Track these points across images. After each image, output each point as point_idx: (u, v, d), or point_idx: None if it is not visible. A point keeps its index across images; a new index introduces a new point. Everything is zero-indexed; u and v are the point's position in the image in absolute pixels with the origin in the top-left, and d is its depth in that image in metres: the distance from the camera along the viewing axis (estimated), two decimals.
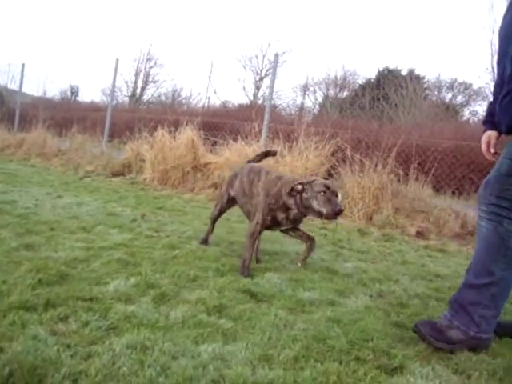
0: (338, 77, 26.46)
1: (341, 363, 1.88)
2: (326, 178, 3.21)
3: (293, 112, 23.64)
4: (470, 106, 26.13)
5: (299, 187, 2.97)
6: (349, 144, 6.53)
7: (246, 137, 7.52)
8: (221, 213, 3.76)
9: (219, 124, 10.02)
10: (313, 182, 2.95)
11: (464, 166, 8.56)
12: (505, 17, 2.27)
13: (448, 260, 4.27)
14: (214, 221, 3.78)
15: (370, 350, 2.00)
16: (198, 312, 2.23)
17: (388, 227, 5.38)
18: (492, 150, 2.46)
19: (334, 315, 2.35)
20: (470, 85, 26.00)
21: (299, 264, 3.27)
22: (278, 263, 3.32)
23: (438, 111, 21.19)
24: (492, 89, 2.47)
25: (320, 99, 27.13)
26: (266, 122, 7.57)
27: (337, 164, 6.34)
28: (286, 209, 3.06)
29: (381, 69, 26.65)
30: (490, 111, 2.42)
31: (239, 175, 3.50)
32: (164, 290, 2.47)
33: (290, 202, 3.03)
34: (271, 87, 8.11)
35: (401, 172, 5.76)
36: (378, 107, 22.74)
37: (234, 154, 7.41)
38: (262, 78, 28.04)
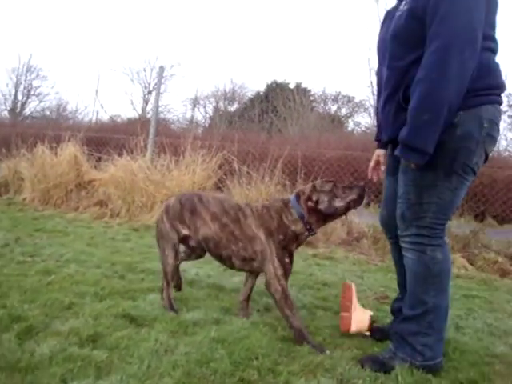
0: (227, 90, 26.72)
1: None
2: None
3: (184, 126, 23.45)
4: (354, 117, 27.54)
5: (315, 198, 2.35)
6: (236, 156, 6.52)
7: (132, 152, 7.26)
8: (178, 260, 2.77)
9: (104, 139, 9.62)
10: (314, 188, 2.39)
11: (348, 174, 8.95)
12: (380, 31, 2.32)
13: (335, 267, 4.35)
14: (173, 277, 2.72)
15: (254, 370, 1.93)
16: (69, 345, 2.03)
17: None
18: (382, 169, 2.49)
19: (218, 335, 2.25)
20: (353, 97, 27.42)
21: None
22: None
23: (324, 123, 22.05)
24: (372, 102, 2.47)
25: (211, 112, 27.24)
26: (151, 136, 7.35)
27: (224, 177, 6.29)
28: (296, 237, 2.43)
29: (269, 82, 27.31)
30: (379, 128, 2.41)
31: (199, 214, 2.60)
32: (31, 322, 2.24)
33: (300, 226, 2.39)
34: (156, 100, 7.92)
35: (287, 182, 5.83)
36: (267, 120, 23.24)
37: (119, 169, 7.09)
38: (150, 92, 27.55)
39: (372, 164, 2.53)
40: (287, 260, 2.42)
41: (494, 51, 2.03)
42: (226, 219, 2.52)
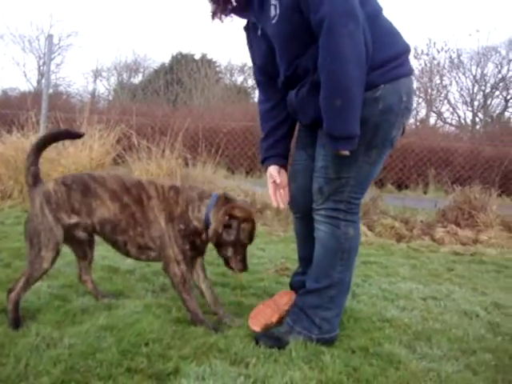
0: (129, 61, 25.75)
1: (110, 378, 1.67)
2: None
3: (86, 99, 22.35)
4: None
5: (226, 219, 2.15)
6: (135, 130, 6.26)
7: (23, 128, 6.75)
8: (53, 264, 2.20)
9: None
10: (243, 224, 2.16)
11: (254, 145, 8.94)
12: (254, 49, 2.24)
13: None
14: (30, 284, 2.17)
15: (144, 357, 1.83)
16: None
17: None
18: (281, 191, 2.30)
19: (107, 322, 2.11)
20: None
21: None
22: (52, 268, 2.94)
23: (230, 94, 21.96)
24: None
25: (114, 85, 26.19)
26: (43, 111, 6.87)
27: (123, 152, 6.03)
28: (199, 234, 2.22)
29: (174, 53, 26.65)
30: (268, 146, 2.30)
31: (96, 189, 2.21)
32: None
33: (201, 226, 2.20)
34: (47, 72, 7.40)
35: (189, 156, 5.70)
36: (173, 92, 22.73)
37: (9, 147, 6.58)
38: (45, 63, 25.92)
39: (271, 189, 2.32)
40: (187, 247, 2.21)
41: (381, 15, 2.01)
42: (127, 199, 2.20)
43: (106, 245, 3.56)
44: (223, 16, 2.15)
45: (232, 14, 2.17)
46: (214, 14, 2.15)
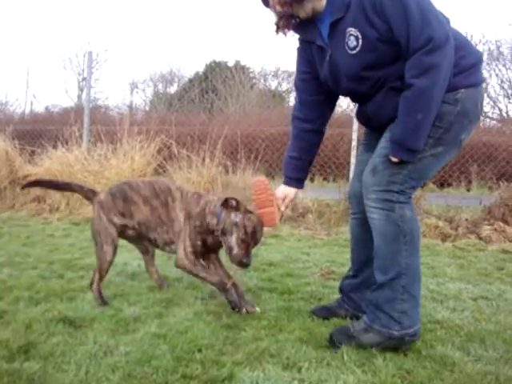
0: (163, 73, 26.17)
1: None
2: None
3: (124, 112, 22.82)
4: (294, 92, 27.56)
5: (233, 203, 2.38)
6: (175, 140, 6.37)
7: (67, 143, 6.97)
8: (114, 256, 2.65)
9: (38, 131, 9.22)
10: (248, 213, 2.37)
11: None
12: (323, 69, 2.20)
13: (281, 245, 4.33)
14: (107, 271, 2.67)
15: (198, 364, 1.86)
16: None
17: None
18: (282, 208, 2.44)
19: (159, 330, 2.17)
20: (293, 72, 27.39)
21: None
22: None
23: (265, 99, 22.03)
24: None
25: (151, 96, 26.64)
26: (85, 126, 7.09)
27: (164, 162, 6.14)
28: (211, 232, 2.46)
29: (208, 62, 26.92)
30: (298, 167, 2.40)
31: (133, 202, 2.61)
32: None
33: (213, 221, 2.43)
34: (88, 87, 7.62)
35: (229, 163, 5.76)
36: (208, 100, 22.96)
37: (55, 162, 6.80)
38: (84, 79, 26.60)
39: (275, 205, 2.39)
40: (199, 243, 2.48)
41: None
42: (156, 202, 2.58)
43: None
44: (286, 30, 2.17)
45: (293, 31, 2.20)
46: (277, 28, 2.16)
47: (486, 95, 21.27)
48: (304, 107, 2.35)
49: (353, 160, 5.91)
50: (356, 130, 5.96)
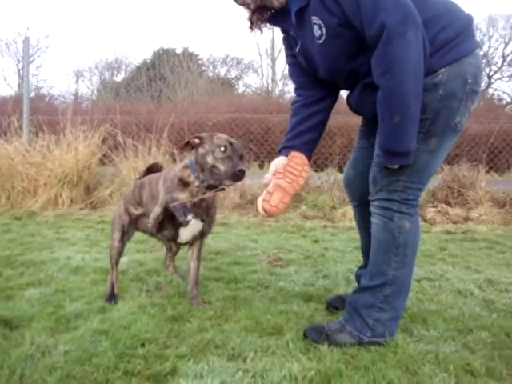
0: (109, 60, 25.50)
1: (107, 383, 1.65)
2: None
3: (69, 100, 22.12)
4: (243, 78, 27.60)
5: (196, 141, 2.30)
6: (120, 129, 6.21)
7: (6, 134, 6.66)
8: (123, 243, 2.65)
9: None
10: (214, 135, 2.30)
11: (242, 136, 8.90)
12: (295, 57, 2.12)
13: (229, 233, 4.30)
14: (117, 260, 2.63)
15: (141, 359, 1.81)
16: None
17: None
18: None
19: (102, 325, 2.09)
20: (242, 59, 27.42)
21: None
22: (44, 274, 2.92)
23: (214, 86, 21.87)
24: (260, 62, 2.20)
25: (97, 84, 25.97)
26: (25, 115, 6.79)
27: (109, 152, 5.98)
28: (185, 184, 2.34)
29: (155, 49, 26.46)
30: (286, 139, 2.17)
31: (144, 187, 2.58)
32: None
33: (186, 173, 2.34)
34: (26, 75, 7.30)
35: (175, 151, 5.66)
36: (156, 88, 22.59)
37: None
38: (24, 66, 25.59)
39: (265, 180, 2.12)
40: (177, 196, 2.32)
41: None
42: (154, 185, 2.52)
43: (96, 248, 3.58)
44: (261, 24, 2.04)
45: (269, 23, 2.07)
46: (251, 23, 2.04)
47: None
48: (298, 90, 2.22)
49: None
50: None
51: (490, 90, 25.47)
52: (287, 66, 2.28)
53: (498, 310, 2.40)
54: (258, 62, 25.28)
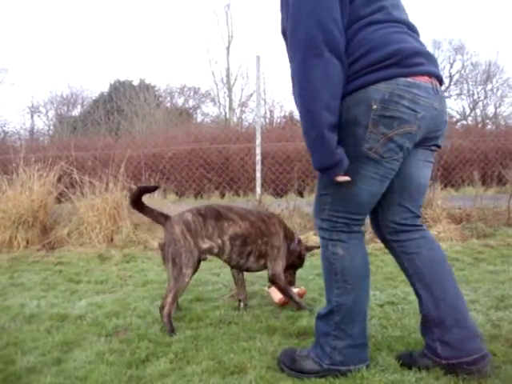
0: (65, 95, 25.19)
1: None
2: None
3: (25, 137, 21.64)
4: (201, 108, 27.73)
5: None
6: (77, 165, 6.09)
7: None
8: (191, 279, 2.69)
9: None
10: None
11: (199, 166, 8.88)
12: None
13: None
14: (179, 293, 2.65)
15: None
16: None
17: (130, 246, 5.15)
18: None
19: (56, 379, 1.99)
20: (199, 88, 27.55)
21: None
22: None
23: (172, 117, 21.84)
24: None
25: (54, 119, 25.54)
26: None
27: (66, 189, 5.84)
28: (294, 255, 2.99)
29: (112, 82, 26.34)
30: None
31: (227, 212, 2.74)
32: None
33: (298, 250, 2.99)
34: None
35: (133, 186, 5.57)
36: (114, 121, 22.41)
37: None
38: None
39: None
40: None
41: (377, 22, 1.85)
42: (253, 217, 2.80)
43: (53, 291, 3.44)
44: None
45: None
46: None
47: None
48: None
49: (258, 174, 5.95)
50: (259, 144, 5.99)
51: None
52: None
53: None
54: (215, 90, 25.34)
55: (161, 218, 2.73)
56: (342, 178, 1.82)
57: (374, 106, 1.78)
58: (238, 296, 2.98)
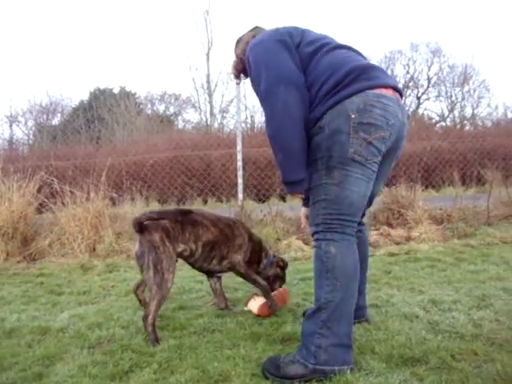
0: (44, 104, 24.92)
1: None
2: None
3: (5, 147, 21.33)
4: (182, 114, 27.67)
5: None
6: (57, 175, 6.03)
7: None
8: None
9: None
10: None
11: (180, 173, 8.84)
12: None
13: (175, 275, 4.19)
14: (163, 300, 2.62)
15: None
16: None
17: (113, 255, 5.10)
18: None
19: None
20: (180, 95, 27.50)
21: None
22: None
23: (153, 124, 21.76)
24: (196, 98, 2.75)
25: (33, 129, 25.24)
26: None
27: (46, 200, 5.77)
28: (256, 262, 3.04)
29: (92, 90, 26.18)
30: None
31: (201, 219, 2.82)
32: None
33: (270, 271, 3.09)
34: None
35: (114, 194, 5.54)
36: (94, 129, 22.26)
37: None
38: None
39: (303, 221, 2.86)
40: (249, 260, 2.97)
41: (329, 51, 2.21)
42: (221, 225, 2.89)
43: (34, 304, 3.40)
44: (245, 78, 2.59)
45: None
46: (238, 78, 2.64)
47: None
48: None
49: (240, 180, 5.94)
50: (240, 150, 5.99)
51: (420, 110, 26.68)
52: None
53: (442, 332, 2.43)
54: (196, 97, 25.32)
55: (139, 227, 2.64)
56: (296, 196, 2.30)
57: (353, 116, 2.03)
58: (218, 305, 3.04)
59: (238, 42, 2.58)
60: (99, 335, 2.66)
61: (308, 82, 2.13)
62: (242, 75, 2.60)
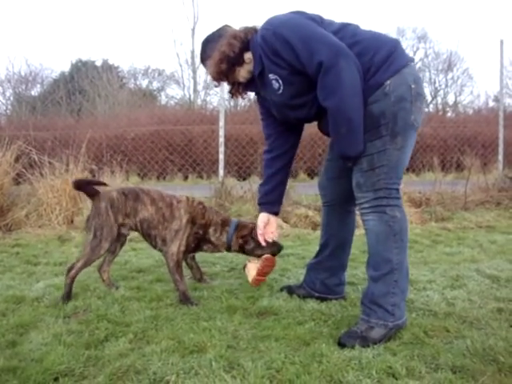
0: (23, 73, 24.36)
1: None
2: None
3: None
4: (165, 90, 27.36)
5: (250, 239, 2.82)
6: (36, 146, 5.92)
7: None
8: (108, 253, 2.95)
9: None
10: (251, 231, 2.80)
11: (162, 148, 8.77)
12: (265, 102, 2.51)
13: (152, 249, 4.16)
14: (87, 266, 2.86)
15: None
16: None
17: None
18: (272, 233, 2.68)
19: (10, 362, 1.92)
20: (163, 70, 27.16)
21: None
22: None
23: (135, 99, 21.50)
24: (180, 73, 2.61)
25: (12, 99, 24.71)
26: None
27: (24, 170, 5.68)
28: (213, 245, 2.86)
29: (74, 61, 25.66)
30: (266, 192, 2.63)
31: (144, 196, 2.84)
32: None
33: (221, 243, 2.84)
34: None
35: (94, 167, 5.47)
36: (75, 101, 21.91)
37: None
38: None
39: (258, 230, 2.67)
40: (192, 245, 2.81)
41: (360, 29, 2.30)
42: (164, 205, 2.82)
43: (10, 273, 3.36)
44: (239, 95, 2.49)
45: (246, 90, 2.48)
46: (232, 94, 2.50)
47: None
48: (268, 139, 2.62)
49: (221, 156, 5.92)
50: (223, 126, 5.95)
51: None
52: (260, 121, 2.67)
53: (417, 309, 2.48)
54: (179, 72, 25.06)
55: (92, 193, 2.87)
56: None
57: (413, 86, 2.17)
58: (195, 278, 3.09)
59: (216, 37, 2.35)
60: (75, 305, 2.65)
61: (355, 51, 2.14)
62: (224, 78, 2.41)
